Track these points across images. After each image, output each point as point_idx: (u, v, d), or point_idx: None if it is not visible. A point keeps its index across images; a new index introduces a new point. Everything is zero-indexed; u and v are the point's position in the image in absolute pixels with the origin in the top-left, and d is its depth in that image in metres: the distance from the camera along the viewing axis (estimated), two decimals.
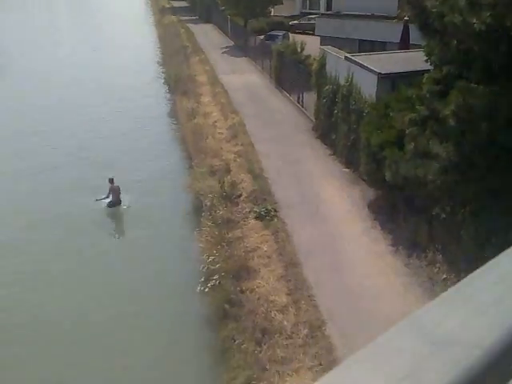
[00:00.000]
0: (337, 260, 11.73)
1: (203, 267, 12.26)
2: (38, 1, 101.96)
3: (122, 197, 16.34)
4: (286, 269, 11.45)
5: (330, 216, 13.56)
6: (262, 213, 13.55)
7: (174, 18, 56.76)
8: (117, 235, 16.31)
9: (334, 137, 17.12)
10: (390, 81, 14.36)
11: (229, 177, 15.60)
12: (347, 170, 15.83)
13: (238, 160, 16.93)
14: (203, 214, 14.87)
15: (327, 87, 17.51)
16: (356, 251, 12.03)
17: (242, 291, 11.02)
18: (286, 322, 9.96)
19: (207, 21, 52.01)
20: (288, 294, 10.67)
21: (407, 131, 11.35)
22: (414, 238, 11.67)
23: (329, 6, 35.37)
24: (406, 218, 12.01)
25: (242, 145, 18.00)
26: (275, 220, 13.33)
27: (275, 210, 13.69)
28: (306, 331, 9.67)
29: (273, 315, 10.14)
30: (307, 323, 9.85)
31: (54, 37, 54.66)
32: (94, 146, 21.57)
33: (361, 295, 10.52)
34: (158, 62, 39.65)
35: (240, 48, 36.55)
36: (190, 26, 49.11)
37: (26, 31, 57.64)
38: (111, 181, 16.20)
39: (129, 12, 78.43)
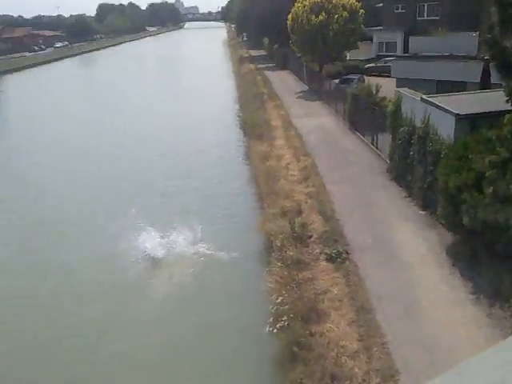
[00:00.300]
0: (412, 307, 11.14)
1: (272, 308, 12.08)
2: (126, 57, 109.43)
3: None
4: (358, 314, 11.01)
5: (405, 260, 13.00)
6: (333, 255, 13.25)
7: (251, 66, 58.75)
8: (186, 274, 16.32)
9: (409, 178, 16.66)
10: (469, 122, 13.84)
11: (300, 218, 15.49)
12: (423, 212, 15.25)
13: (309, 201, 16.82)
14: (273, 254, 14.78)
15: (403, 128, 17.20)
16: (433, 299, 11.38)
17: (311, 334, 10.70)
18: (357, 369, 9.50)
19: (284, 68, 53.30)
20: (359, 340, 10.22)
21: (487, 174, 10.80)
22: (497, 286, 10.90)
23: (406, 49, 35.22)
24: (488, 265, 11.27)
25: (313, 186, 17.92)
26: (347, 262, 12.97)
27: (347, 253, 13.35)
28: (377, 380, 9.16)
29: (343, 361, 9.72)
30: (379, 372, 9.33)
31: (142, 88, 58.31)
32: (169, 188, 22.46)
33: (438, 346, 9.86)
34: (235, 108, 40.91)
35: (315, 92, 37.00)
36: (267, 73, 50.53)
37: (119, 84, 62.02)
38: None
39: (209, 63, 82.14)
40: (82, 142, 32.77)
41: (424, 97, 16.59)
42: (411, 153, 16.39)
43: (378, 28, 47.92)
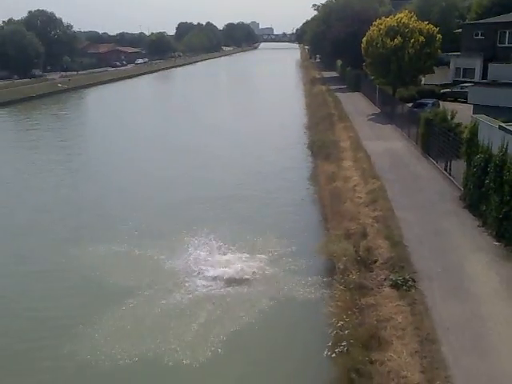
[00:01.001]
0: (481, 343, 10.52)
1: (332, 331, 11.82)
2: (202, 74, 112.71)
3: None
4: (422, 344, 10.53)
5: (475, 293, 12.34)
6: (399, 282, 12.79)
7: (323, 87, 58.74)
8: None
9: (483, 208, 15.92)
10: None
11: (365, 241, 15.13)
12: (498, 243, 14.48)
13: (375, 225, 16.40)
14: (335, 277, 14.50)
15: (478, 156, 16.52)
16: (504, 336, 10.70)
17: (371, 362, 10.32)
18: None
19: (355, 89, 52.93)
20: (422, 372, 9.74)
21: None
22: None
23: (484, 75, 34.07)
24: None
25: (381, 210, 17.47)
26: (413, 291, 12.48)
27: (413, 280, 12.84)
28: None
29: None
30: None
31: (215, 104, 59.93)
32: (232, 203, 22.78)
33: None
34: (304, 129, 40.99)
35: (386, 115, 36.40)
36: (338, 94, 50.33)
37: (194, 101, 64.00)
38: None
39: (281, 82, 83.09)
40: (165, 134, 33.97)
41: (502, 125, 15.93)
42: (487, 181, 15.69)
43: (456, 54, 46.82)
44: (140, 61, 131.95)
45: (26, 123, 51.18)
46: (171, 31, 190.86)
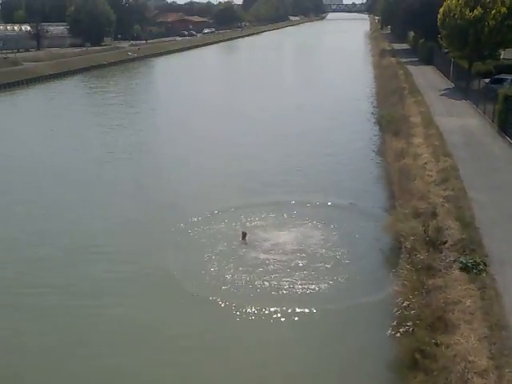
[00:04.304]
0: None
1: (396, 311, 11.69)
2: (268, 45, 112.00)
3: None
4: (491, 330, 10.22)
5: None
6: (469, 264, 12.39)
7: (393, 59, 56.80)
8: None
9: None
10: None
11: (434, 221, 14.70)
12: None
13: (446, 205, 15.87)
14: (401, 256, 14.26)
15: None
16: None
17: (436, 344, 10.16)
18: None
19: (428, 63, 50.80)
20: (490, 358, 9.49)
21: None
22: None
23: None
24: None
25: (452, 189, 16.86)
26: (483, 274, 12.06)
27: (485, 264, 12.40)
28: None
29: (469, 377, 9.11)
30: None
31: (280, 75, 59.51)
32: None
33: None
34: (372, 102, 39.98)
35: (461, 91, 34.79)
36: (410, 67, 48.54)
37: (258, 71, 63.76)
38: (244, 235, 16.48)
39: (349, 54, 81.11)
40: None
41: None
42: None
43: None
44: (207, 30, 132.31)
45: (97, 89, 53.00)
46: (239, 1, 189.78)
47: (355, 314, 12.86)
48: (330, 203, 19.55)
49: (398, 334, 10.91)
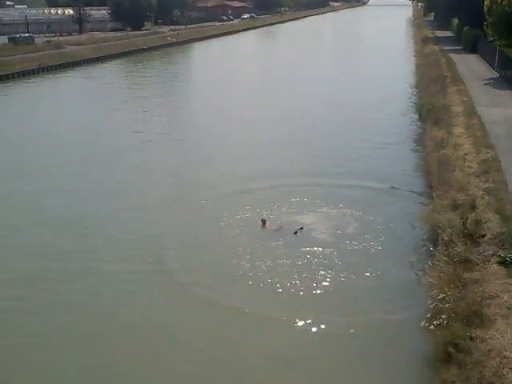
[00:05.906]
0: None
1: (431, 303, 11.55)
2: (307, 31, 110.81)
3: None
4: None
5: None
6: (508, 259, 12.11)
7: (435, 47, 55.42)
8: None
9: None
10: None
11: (473, 214, 14.38)
12: None
13: (486, 197, 15.49)
14: (438, 248, 14.02)
15: None
16: None
17: (471, 338, 10.00)
18: None
19: (472, 51, 49.39)
20: None
21: None
22: None
23: None
24: None
25: (493, 182, 16.44)
26: None
27: None
28: None
29: (505, 372, 8.94)
30: None
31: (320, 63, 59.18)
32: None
33: None
34: (412, 90, 39.18)
35: (506, 81, 33.73)
36: (452, 55, 47.29)
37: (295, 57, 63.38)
38: (264, 222, 16.48)
39: (391, 41, 79.58)
40: None
41: None
42: None
43: None
44: (246, 16, 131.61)
45: (138, 73, 53.70)
46: None
47: (390, 305, 12.74)
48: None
49: (432, 327, 10.77)
